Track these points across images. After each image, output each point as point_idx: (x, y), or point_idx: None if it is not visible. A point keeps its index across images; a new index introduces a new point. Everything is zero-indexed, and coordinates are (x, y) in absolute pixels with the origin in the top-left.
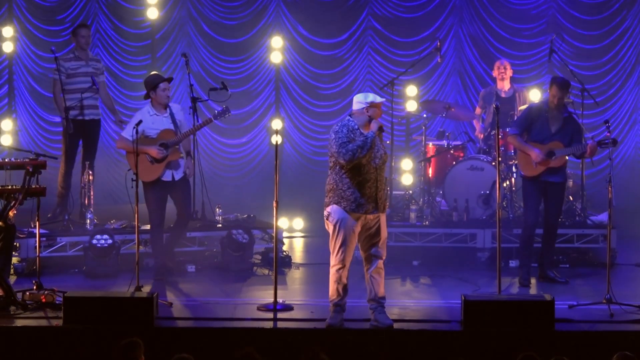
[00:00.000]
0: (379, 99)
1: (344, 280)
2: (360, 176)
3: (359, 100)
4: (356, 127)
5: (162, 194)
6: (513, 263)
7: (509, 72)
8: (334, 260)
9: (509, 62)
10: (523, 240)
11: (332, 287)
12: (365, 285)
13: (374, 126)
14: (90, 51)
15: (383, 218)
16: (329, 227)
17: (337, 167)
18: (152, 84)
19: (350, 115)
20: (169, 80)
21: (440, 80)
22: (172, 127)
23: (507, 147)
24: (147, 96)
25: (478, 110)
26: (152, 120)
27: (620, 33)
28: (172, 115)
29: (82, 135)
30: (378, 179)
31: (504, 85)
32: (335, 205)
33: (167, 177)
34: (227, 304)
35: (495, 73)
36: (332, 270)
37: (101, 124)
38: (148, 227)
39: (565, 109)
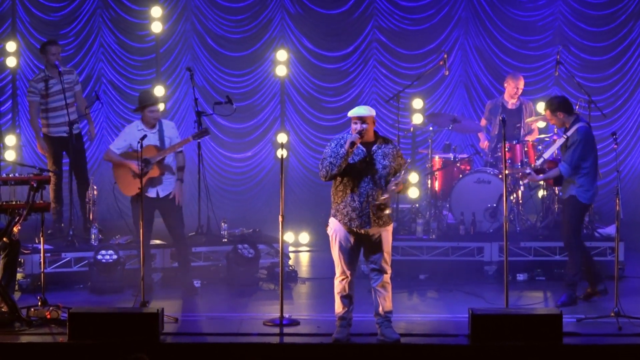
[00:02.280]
0: (353, 113)
1: (348, 291)
2: (351, 190)
3: None
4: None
5: (145, 210)
6: (521, 276)
7: (521, 89)
8: (336, 271)
9: (520, 74)
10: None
11: (336, 299)
12: (372, 299)
13: (347, 142)
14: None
15: (386, 232)
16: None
17: (333, 180)
18: (142, 103)
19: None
20: (153, 104)
21: (446, 93)
22: (157, 143)
23: (514, 160)
24: (136, 110)
25: (483, 122)
26: (139, 134)
27: (627, 44)
28: (160, 132)
29: (67, 150)
30: (372, 194)
31: (519, 95)
32: (332, 218)
33: (151, 193)
34: (233, 319)
35: (509, 89)
36: (336, 282)
37: (82, 138)
38: (157, 242)
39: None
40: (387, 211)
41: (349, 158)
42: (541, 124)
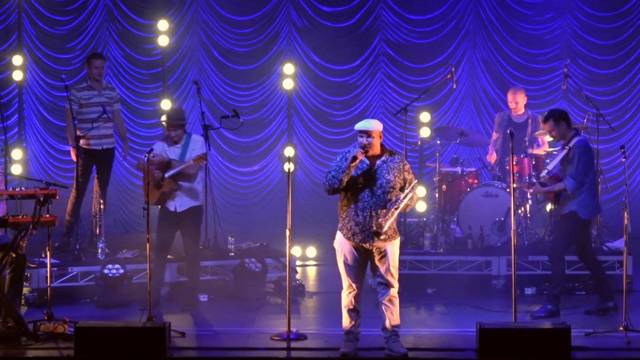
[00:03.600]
0: (359, 126)
1: (355, 305)
2: (355, 205)
3: None
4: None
5: (165, 221)
6: (529, 290)
7: (521, 103)
8: (343, 285)
9: (523, 88)
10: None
11: (343, 313)
12: (380, 313)
13: (350, 155)
14: (104, 79)
15: (392, 246)
16: None
17: (339, 194)
18: (167, 124)
19: None
20: (174, 126)
21: (453, 107)
22: (177, 158)
23: (522, 174)
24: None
25: (495, 136)
26: (165, 148)
27: (635, 57)
28: (185, 146)
29: (96, 164)
30: (376, 209)
31: (520, 109)
32: (338, 231)
33: (170, 206)
34: (240, 334)
35: (509, 102)
36: (343, 296)
37: (115, 153)
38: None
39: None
40: (383, 237)
41: (351, 172)
42: (549, 138)
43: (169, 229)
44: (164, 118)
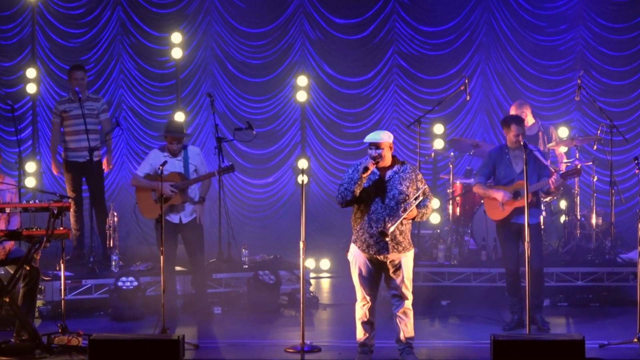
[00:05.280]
0: (368, 138)
1: (369, 317)
2: (368, 217)
3: None
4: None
5: (168, 235)
6: (544, 302)
7: (529, 116)
8: (357, 297)
9: (527, 102)
10: (508, 289)
11: (357, 325)
12: (394, 325)
13: (361, 167)
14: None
15: (406, 258)
16: None
17: (352, 206)
18: (165, 133)
19: None
20: (176, 139)
21: (467, 118)
22: (181, 170)
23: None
24: (160, 137)
25: None
26: (163, 160)
27: None
28: (185, 159)
29: (85, 177)
30: (389, 220)
31: (527, 122)
32: (352, 244)
33: (173, 219)
34: (254, 346)
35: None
36: (357, 308)
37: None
38: (178, 268)
39: (525, 146)
40: (388, 238)
41: (363, 184)
42: (563, 149)
43: (172, 241)
44: (165, 131)
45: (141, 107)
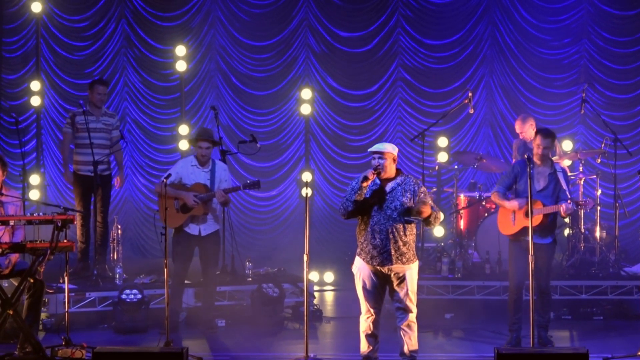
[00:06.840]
0: (373, 148)
1: (373, 330)
2: (372, 228)
3: None
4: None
5: (185, 245)
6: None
7: (532, 131)
8: (361, 310)
9: (531, 115)
10: (509, 306)
11: (361, 338)
12: (398, 338)
13: (361, 176)
14: (104, 106)
15: (410, 270)
16: None
17: (356, 218)
18: (195, 138)
19: None
20: (212, 142)
21: (471, 131)
22: (207, 182)
23: None
24: (190, 143)
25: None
26: (191, 170)
27: None
28: (213, 172)
29: (93, 190)
30: (392, 231)
31: (531, 136)
32: (357, 256)
33: (193, 230)
34: (258, 359)
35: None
36: (361, 321)
37: (112, 179)
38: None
39: (551, 163)
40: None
41: (363, 193)
42: (567, 162)
43: (189, 253)
44: (195, 136)
45: (145, 119)
